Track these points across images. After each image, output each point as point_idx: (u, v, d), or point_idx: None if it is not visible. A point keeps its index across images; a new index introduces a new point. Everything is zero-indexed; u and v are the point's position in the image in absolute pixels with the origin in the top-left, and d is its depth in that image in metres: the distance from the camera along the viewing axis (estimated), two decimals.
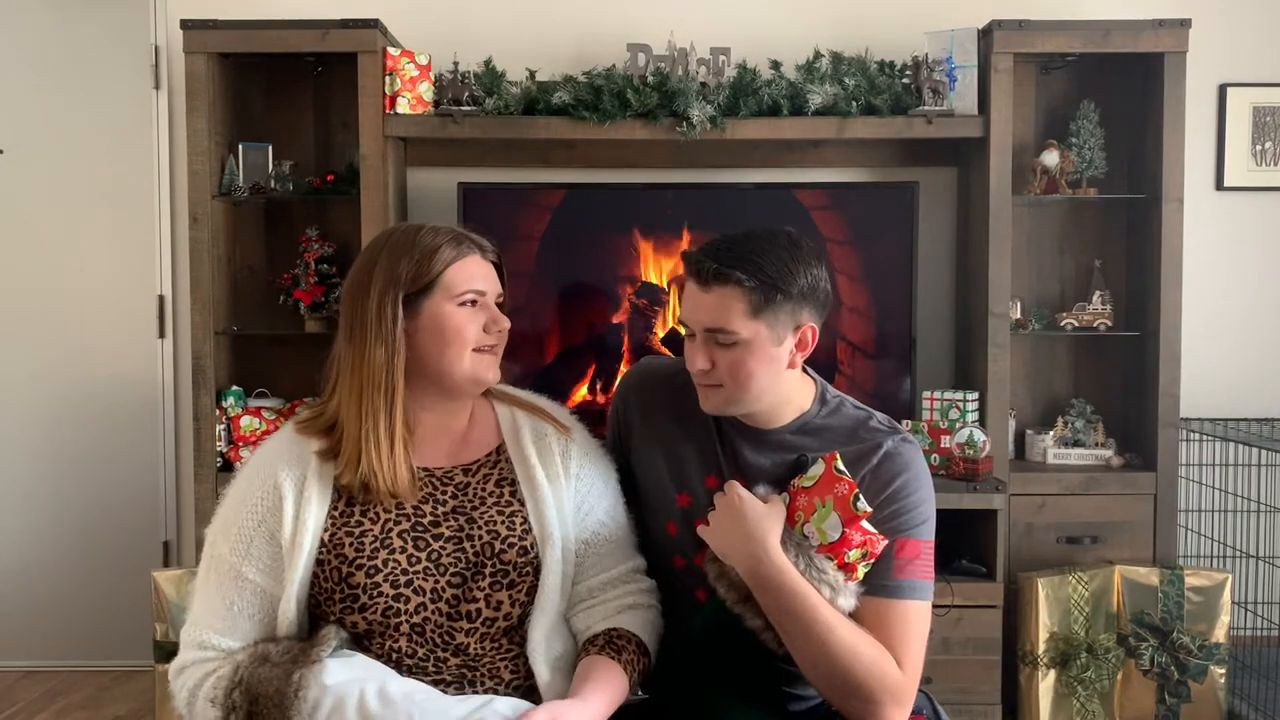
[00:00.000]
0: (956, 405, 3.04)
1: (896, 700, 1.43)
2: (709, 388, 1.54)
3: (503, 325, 1.55)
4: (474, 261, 1.54)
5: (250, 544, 1.47)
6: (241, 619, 1.47)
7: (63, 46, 3.42)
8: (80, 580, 3.47)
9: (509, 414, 1.62)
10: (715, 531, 1.49)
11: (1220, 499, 3.21)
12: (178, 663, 1.48)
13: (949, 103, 3.08)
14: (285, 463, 1.50)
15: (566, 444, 1.60)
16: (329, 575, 1.46)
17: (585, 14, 3.34)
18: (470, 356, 1.52)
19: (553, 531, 1.51)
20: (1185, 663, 2.93)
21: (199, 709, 1.43)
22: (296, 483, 1.48)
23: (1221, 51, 3.33)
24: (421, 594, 1.45)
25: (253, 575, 1.47)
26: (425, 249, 1.51)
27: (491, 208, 3.14)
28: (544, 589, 1.50)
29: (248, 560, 1.47)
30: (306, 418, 1.56)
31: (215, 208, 3.11)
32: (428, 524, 1.49)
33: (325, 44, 3.03)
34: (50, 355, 3.47)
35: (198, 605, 1.50)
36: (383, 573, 1.45)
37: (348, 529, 1.47)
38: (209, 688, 1.42)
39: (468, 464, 1.56)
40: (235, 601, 1.47)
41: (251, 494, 1.49)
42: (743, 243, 1.50)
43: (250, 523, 1.48)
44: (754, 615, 1.47)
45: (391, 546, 1.47)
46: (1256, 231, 3.39)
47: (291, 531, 1.46)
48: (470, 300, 1.52)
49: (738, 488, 1.49)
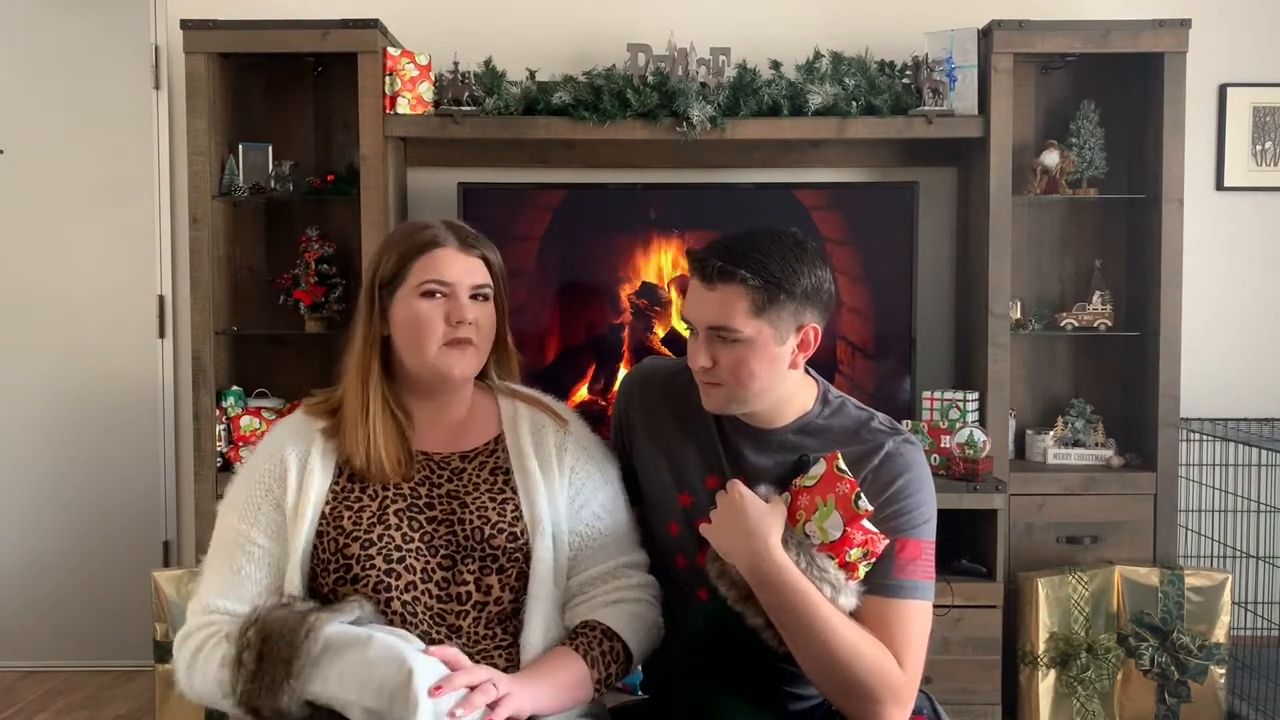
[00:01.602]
0: (956, 405, 3.04)
1: (897, 700, 1.43)
2: (710, 386, 1.54)
3: (463, 317, 1.53)
4: (445, 254, 1.55)
5: (258, 510, 1.52)
6: (249, 583, 1.50)
7: (63, 46, 3.42)
8: (80, 580, 3.46)
9: (510, 406, 1.65)
10: (717, 529, 1.50)
11: (1220, 499, 3.21)
12: (183, 631, 1.51)
13: (949, 103, 3.08)
14: (291, 440, 1.57)
15: (563, 437, 1.62)
16: (326, 546, 1.50)
17: (585, 14, 3.34)
18: (437, 350, 1.53)
19: (543, 519, 1.53)
20: (1185, 663, 2.93)
21: (199, 671, 1.46)
22: (301, 457, 1.54)
23: (1221, 51, 3.33)
24: (412, 572, 1.48)
25: (260, 539, 1.51)
26: (401, 241, 1.57)
27: (491, 208, 3.14)
28: (535, 575, 1.51)
29: (255, 526, 1.51)
30: (317, 400, 1.63)
31: (215, 208, 3.11)
32: (422, 505, 1.53)
33: (325, 44, 3.03)
34: (50, 355, 3.47)
35: (205, 577, 1.54)
36: (376, 546, 1.48)
37: (347, 503, 1.52)
38: (212, 646, 1.45)
39: (465, 451, 1.59)
40: (243, 566, 1.50)
41: (259, 468, 1.55)
42: (748, 241, 1.50)
43: (258, 492, 1.53)
44: (755, 614, 1.47)
45: (387, 523, 1.50)
46: (1256, 231, 3.40)
47: (294, 502, 1.51)
48: (431, 291, 1.53)
49: (740, 486, 1.49)
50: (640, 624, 1.56)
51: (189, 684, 1.48)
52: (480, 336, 1.57)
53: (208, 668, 1.45)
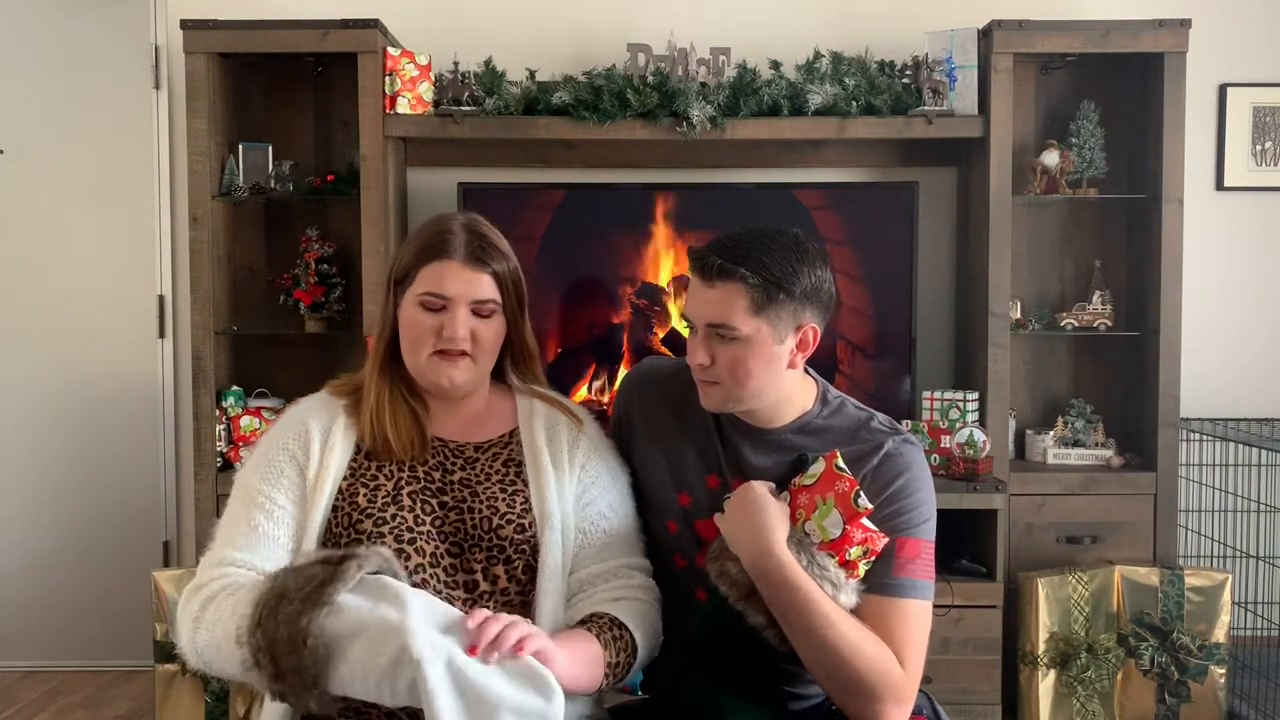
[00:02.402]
0: (956, 405, 3.04)
1: (898, 699, 1.44)
2: (708, 384, 1.55)
3: (454, 333, 1.52)
4: (449, 267, 1.54)
5: (281, 474, 1.53)
6: (266, 540, 1.48)
7: (63, 46, 3.42)
8: (80, 580, 3.47)
9: (527, 403, 1.66)
10: (728, 520, 1.50)
11: (1220, 499, 3.21)
12: (192, 584, 1.46)
13: (949, 103, 3.08)
14: (315, 412, 1.59)
15: (577, 435, 1.63)
16: (340, 521, 1.50)
17: (585, 14, 3.34)
18: (427, 358, 1.55)
19: (552, 512, 1.54)
20: (1185, 663, 2.93)
21: (207, 620, 1.40)
22: (324, 430, 1.56)
23: (1221, 51, 3.33)
24: (422, 555, 1.49)
25: (280, 499, 1.51)
26: (419, 241, 1.58)
27: (491, 208, 3.10)
28: (545, 568, 1.51)
29: (277, 487, 1.52)
30: (340, 381, 1.65)
31: (215, 208, 3.11)
32: (435, 489, 1.54)
33: (325, 44, 3.03)
34: (50, 355, 3.47)
35: (219, 535, 1.52)
36: (389, 525, 1.49)
37: (364, 480, 1.53)
38: (225, 595, 1.40)
39: (480, 442, 1.61)
40: (262, 524, 1.49)
41: (283, 434, 1.57)
42: (749, 240, 1.51)
43: (282, 456, 1.54)
44: (756, 612, 1.47)
45: (401, 504, 1.51)
46: (1256, 231, 3.40)
47: (315, 472, 1.52)
48: (427, 303, 1.54)
49: (757, 484, 1.50)
50: (645, 622, 1.55)
51: (193, 640, 1.42)
52: (479, 348, 1.56)
53: (219, 614, 1.39)
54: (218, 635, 1.38)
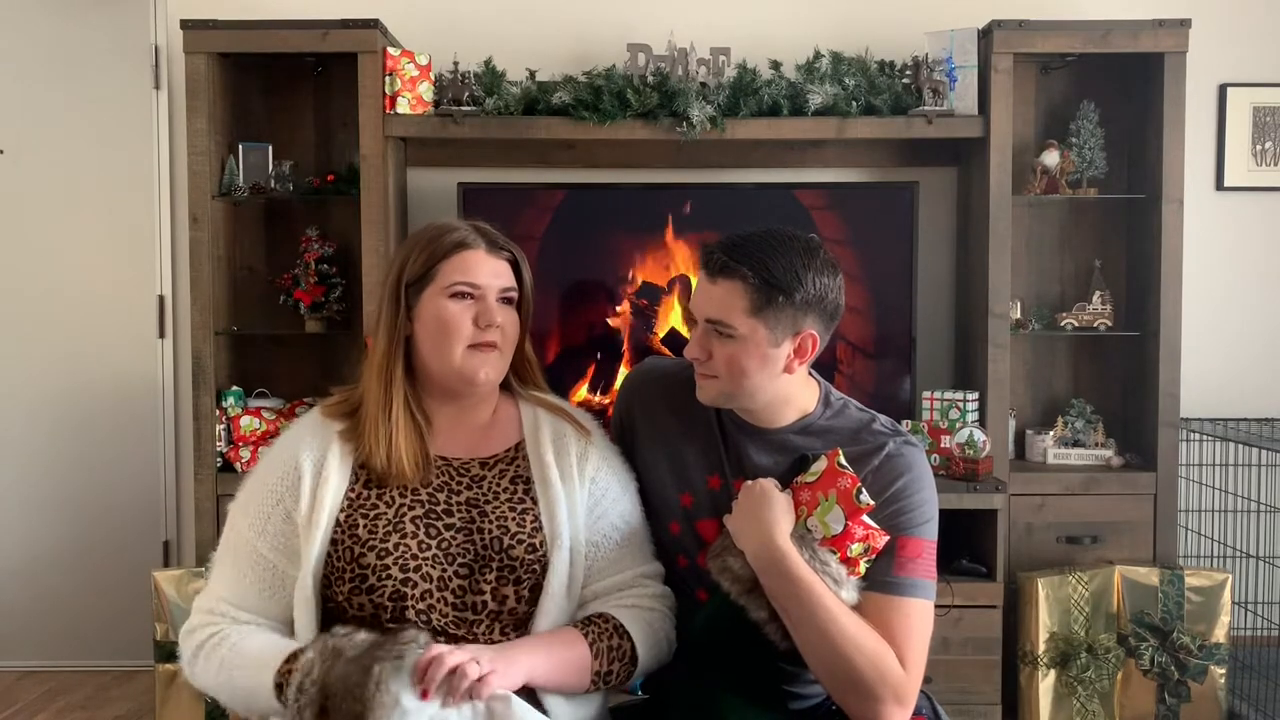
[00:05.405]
0: (956, 405, 3.04)
1: (898, 698, 1.44)
2: (705, 377, 1.56)
3: (492, 320, 1.53)
4: (474, 255, 1.55)
5: (267, 521, 1.51)
6: (252, 592, 1.51)
7: (62, 46, 3.42)
8: (80, 580, 3.46)
9: (532, 413, 1.63)
10: (736, 514, 1.51)
11: (1220, 499, 3.21)
12: (187, 625, 1.54)
13: (949, 103, 3.08)
14: (306, 444, 1.55)
15: (585, 446, 1.60)
16: (341, 555, 1.48)
17: (585, 14, 3.34)
18: (463, 353, 1.53)
19: (562, 533, 1.52)
20: (1185, 663, 2.93)
21: (200, 667, 1.49)
22: (315, 463, 1.52)
23: (1221, 51, 3.33)
24: (429, 580, 1.47)
25: (266, 552, 1.51)
26: (431, 241, 1.56)
27: (491, 208, 3.13)
28: (548, 591, 1.50)
29: (263, 537, 1.51)
30: (334, 401, 1.61)
31: (215, 208, 3.11)
32: (440, 511, 1.51)
33: (325, 44, 3.03)
34: (50, 355, 3.47)
35: (214, 575, 1.56)
36: (393, 556, 1.47)
37: (363, 511, 1.50)
38: (212, 646, 1.47)
39: (486, 458, 1.58)
40: (248, 575, 1.51)
41: (272, 474, 1.54)
42: (757, 241, 1.51)
43: (269, 501, 1.52)
44: (757, 608, 1.47)
45: (404, 531, 1.49)
46: (1256, 231, 3.40)
47: (308, 510, 1.49)
48: (460, 293, 1.53)
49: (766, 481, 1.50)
50: (652, 633, 1.55)
51: (192, 674, 1.51)
52: (505, 341, 1.56)
53: (208, 666, 1.47)
54: (209, 686, 1.49)
